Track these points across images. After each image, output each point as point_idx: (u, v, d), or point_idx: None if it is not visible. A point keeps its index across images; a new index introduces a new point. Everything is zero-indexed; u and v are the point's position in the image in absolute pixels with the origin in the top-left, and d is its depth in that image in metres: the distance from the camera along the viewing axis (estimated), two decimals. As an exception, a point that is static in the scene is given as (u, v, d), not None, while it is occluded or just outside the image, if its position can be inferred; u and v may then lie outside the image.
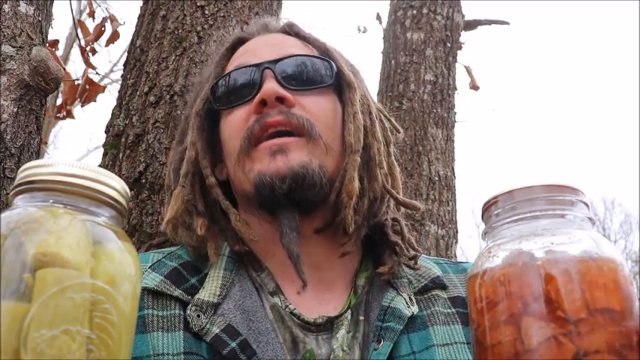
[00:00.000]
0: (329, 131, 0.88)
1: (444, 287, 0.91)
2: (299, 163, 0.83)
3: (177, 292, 0.82)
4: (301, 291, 0.87)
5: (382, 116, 1.00)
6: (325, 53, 0.96)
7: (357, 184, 0.87)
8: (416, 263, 0.92)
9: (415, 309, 0.85)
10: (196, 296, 0.81)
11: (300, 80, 0.90)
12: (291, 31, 1.00)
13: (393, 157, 0.98)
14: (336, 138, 0.89)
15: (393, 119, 1.04)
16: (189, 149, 0.93)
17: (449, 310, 0.88)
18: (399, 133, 1.04)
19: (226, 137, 0.91)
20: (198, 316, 0.79)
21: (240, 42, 1.01)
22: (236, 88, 0.91)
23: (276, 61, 0.90)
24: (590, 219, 0.59)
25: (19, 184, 0.53)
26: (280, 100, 0.86)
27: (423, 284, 0.90)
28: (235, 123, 0.89)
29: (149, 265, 0.86)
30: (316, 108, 0.89)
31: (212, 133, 0.96)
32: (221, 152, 0.95)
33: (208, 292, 0.82)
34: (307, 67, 0.92)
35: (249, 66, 0.91)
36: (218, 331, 0.78)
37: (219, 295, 0.82)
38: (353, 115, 0.90)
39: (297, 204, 0.84)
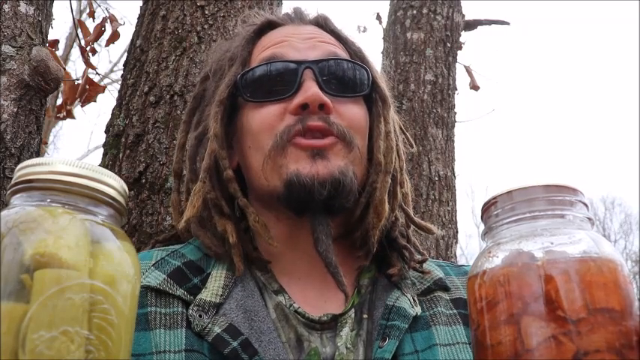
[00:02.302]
0: (362, 141, 0.88)
1: (446, 289, 0.91)
2: (338, 169, 0.82)
3: (179, 292, 0.81)
4: (307, 291, 0.86)
5: (400, 130, 0.99)
6: (360, 59, 0.93)
7: (387, 206, 0.86)
8: (423, 266, 0.92)
9: (418, 310, 0.86)
10: (198, 296, 0.81)
11: (339, 86, 0.87)
12: (325, 25, 0.96)
13: (405, 172, 0.97)
14: (365, 147, 0.89)
15: (407, 133, 1.03)
16: (211, 141, 0.89)
17: (451, 311, 0.88)
18: (413, 148, 1.03)
19: (254, 130, 0.87)
20: (200, 316, 0.79)
21: (269, 26, 0.96)
22: (272, 82, 0.87)
23: (317, 62, 0.87)
24: (589, 219, 0.59)
25: (17, 183, 0.53)
26: (321, 106, 0.83)
27: (426, 286, 0.91)
28: (268, 118, 0.85)
29: (152, 262, 0.85)
30: (353, 116, 0.87)
31: (229, 119, 0.92)
32: (231, 139, 0.92)
33: (210, 292, 0.82)
34: (347, 72, 0.89)
35: (289, 61, 0.87)
36: (219, 330, 0.77)
37: (222, 295, 0.82)
38: (386, 134, 0.89)
39: (329, 210, 0.84)
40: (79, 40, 2.54)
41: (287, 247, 0.88)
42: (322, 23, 0.96)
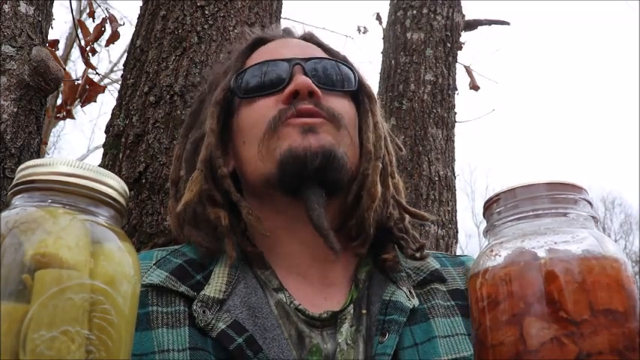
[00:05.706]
0: (352, 130, 0.91)
1: (442, 280, 0.92)
2: (329, 143, 0.85)
3: (182, 288, 0.82)
4: (306, 287, 0.87)
5: (389, 135, 1.03)
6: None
7: (379, 188, 0.89)
8: (422, 253, 0.93)
9: (415, 302, 0.86)
10: (202, 292, 0.82)
11: (327, 81, 0.92)
12: (311, 39, 1.03)
13: (394, 167, 1.00)
14: (355, 137, 0.92)
15: (396, 139, 1.07)
16: (208, 136, 0.93)
17: (448, 303, 0.89)
18: (402, 151, 1.07)
19: (248, 124, 0.91)
20: (204, 311, 0.79)
21: (260, 42, 1.02)
22: (264, 79, 0.92)
23: (306, 59, 0.92)
24: (593, 217, 0.59)
25: (18, 184, 0.53)
26: (310, 94, 0.88)
27: (421, 277, 0.91)
28: (261, 110, 0.89)
29: (154, 262, 0.86)
30: (341, 107, 0.91)
31: (224, 125, 0.96)
32: (227, 145, 0.95)
33: (214, 288, 0.82)
34: (334, 70, 0.94)
35: (280, 60, 0.93)
36: (224, 326, 0.78)
37: (225, 292, 0.82)
38: (374, 125, 0.93)
39: (323, 184, 0.85)
40: (79, 40, 2.54)
41: (287, 240, 0.88)
42: (309, 38, 1.04)
